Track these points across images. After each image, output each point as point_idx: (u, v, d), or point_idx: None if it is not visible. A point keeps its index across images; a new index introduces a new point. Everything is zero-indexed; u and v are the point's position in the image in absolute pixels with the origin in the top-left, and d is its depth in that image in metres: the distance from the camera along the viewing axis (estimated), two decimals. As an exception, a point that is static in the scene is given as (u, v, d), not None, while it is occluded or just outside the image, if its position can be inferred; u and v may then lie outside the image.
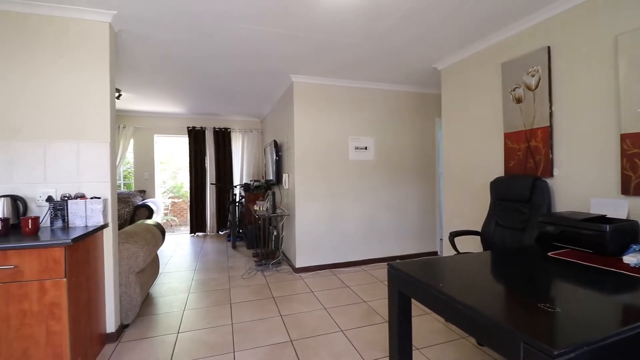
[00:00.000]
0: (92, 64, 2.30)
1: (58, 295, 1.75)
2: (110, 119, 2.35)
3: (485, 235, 2.50)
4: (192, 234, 6.30)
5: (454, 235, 2.45)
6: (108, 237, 2.33)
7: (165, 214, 8.64)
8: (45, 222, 2.18)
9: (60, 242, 1.74)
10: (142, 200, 5.91)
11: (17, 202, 2.10)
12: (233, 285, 3.42)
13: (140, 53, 3.04)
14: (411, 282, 1.41)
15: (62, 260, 1.76)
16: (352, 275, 3.71)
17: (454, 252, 2.47)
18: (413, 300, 1.49)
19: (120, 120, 5.94)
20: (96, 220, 2.22)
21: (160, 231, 3.25)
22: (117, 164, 5.82)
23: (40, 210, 2.21)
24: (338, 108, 4.00)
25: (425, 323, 2.53)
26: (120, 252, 2.49)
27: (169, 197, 9.19)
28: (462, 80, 3.18)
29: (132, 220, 5.22)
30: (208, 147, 6.28)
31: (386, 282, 3.39)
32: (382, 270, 3.84)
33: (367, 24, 2.52)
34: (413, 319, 1.57)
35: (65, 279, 1.76)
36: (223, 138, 6.37)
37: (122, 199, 5.71)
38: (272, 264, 4.01)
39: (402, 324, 1.53)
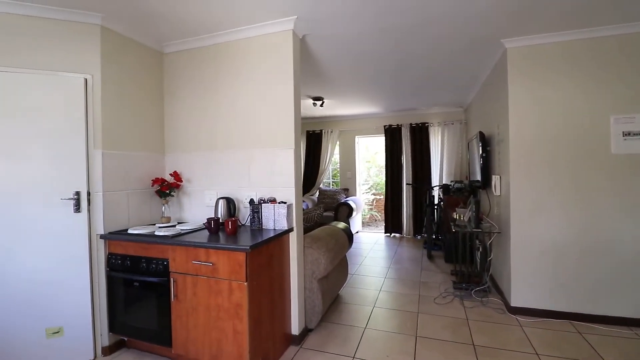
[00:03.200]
0: (279, 74, 2.39)
1: (241, 297, 1.85)
2: (294, 125, 2.38)
3: None
4: (387, 234, 6.15)
5: None
6: (293, 241, 2.38)
7: (370, 209, 9.15)
8: (248, 222, 2.46)
9: (241, 247, 1.82)
10: (345, 198, 6.33)
11: (229, 204, 2.47)
12: (422, 310, 2.87)
13: (329, 56, 3.02)
14: None
15: (244, 264, 1.84)
16: (614, 341, 2.28)
17: None
18: None
19: (327, 125, 6.60)
20: (282, 224, 2.29)
21: (347, 235, 3.16)
22: (325, 165, 6.50)
23: (246, 211, 2.52)
24: (585, 75, 2.57)
25: None
26: (305, 256, 2.51)
27: (372, 194, 9.64)
28: None
29: (335, 217, 5.64)
30: (404, 144, 5.93)
31: None
32: (690, 348, 2.16)
33: None
34: None
35: (246, 283, 1.83)
36: (420, 134, 5.82)
37: (330, 196, 6.33)
38: (475, 291, 3.13)
39: None
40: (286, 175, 2.39)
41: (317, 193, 6.57)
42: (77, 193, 2.18)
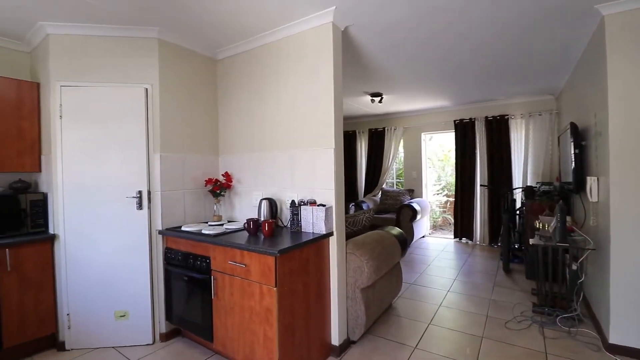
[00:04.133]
0: (318, 71, 2.29)
1: (270, 302, 1.80)
2: (334, 124, 2.24)
3: None
4: (457, 239, 5.57)
5: None
6: (333, 246, 2.25)
7: (443, 211, 8.45)
8: (288, 224, 2.41)
9: (270, 251, 1.77)
10: (410, 199, 5.91)
11: (271, 205, 2.46)
12: (488, 334, 2.45)
13: (378, 46, 2.81)
14: None
15: (273, 268, 1.78)
16: None
17: None
18: None
19: (390, 122, 6.26)
20: (320, 227, 2.18)
21: (400, 242, 2.89)
22: (388, 164, 6.19)
23: (288, 212, 2.47)
24: None
25: None
26: (347, 263, 2.36)
27: (445, 195, 8.90)
28: None
29: (397, 220, 5.30)
30: (478, 140, 5.26)
31: None
32: None
33: None
34: None
35: (275, 288, 1.78)
36: (498, 128, 5.09)
37: (392, 197, 6.01)
38: (561, 318, 2.56)
39: None
40: (326, 176, 2.27)
41: (380, 193, 6.29)
42: (139, 192, 2.41)
